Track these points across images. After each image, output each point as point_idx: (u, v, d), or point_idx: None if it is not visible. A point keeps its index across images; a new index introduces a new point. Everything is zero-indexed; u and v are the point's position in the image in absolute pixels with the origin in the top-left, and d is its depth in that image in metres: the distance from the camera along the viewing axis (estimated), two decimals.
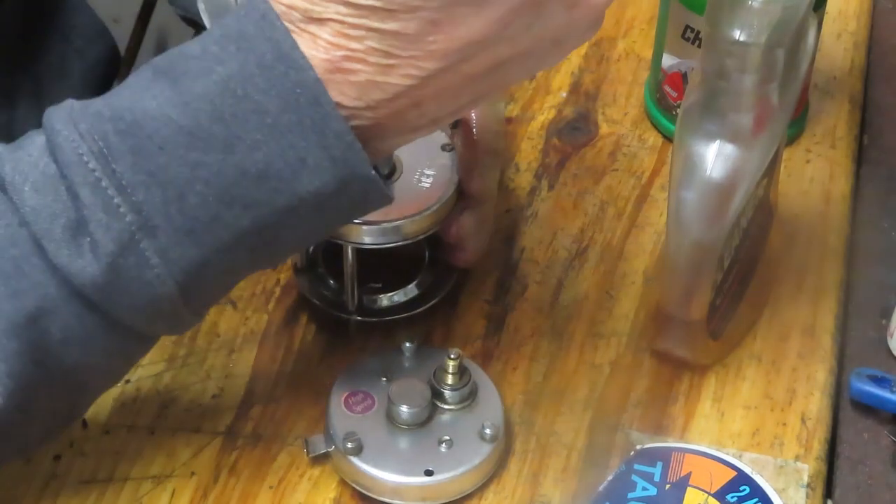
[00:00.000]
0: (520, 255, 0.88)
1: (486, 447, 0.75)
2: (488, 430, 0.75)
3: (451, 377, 0.76)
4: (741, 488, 0.75)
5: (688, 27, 0.90)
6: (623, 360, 0.83)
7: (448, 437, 0.75)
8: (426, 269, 0.85)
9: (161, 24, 1.63)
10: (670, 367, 0.82)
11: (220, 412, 0.80)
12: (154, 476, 0.77)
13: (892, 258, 0.89)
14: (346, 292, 0.81)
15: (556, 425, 0.79)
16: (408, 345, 0.79)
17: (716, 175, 0.74)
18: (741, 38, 0.71)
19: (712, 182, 0.74)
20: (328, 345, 0.83)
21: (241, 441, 0.78)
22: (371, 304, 0.83)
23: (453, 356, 0.76)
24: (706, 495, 0.74)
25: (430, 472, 0.74)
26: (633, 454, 0.77)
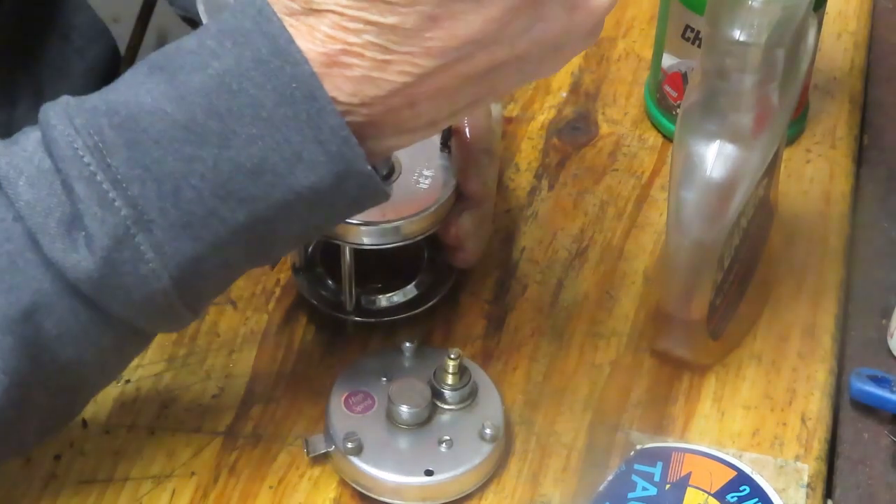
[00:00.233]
0: (520, 255, 0.88)
1: (486, 447, 0.75)
2: (488, 430, 0.75)
3: (451, 377, 0.76)
4: (741, 488, 0.75)
5: (688, 27, 0.90)
6: (623, 360, 0.83)
7: (448, 437, 0.75)
8: (425, 269, 0.85)
9: (161, 24, 1.63)
10: (670, 367, 0.82)
11: (220, 412, 0.80)
12: (154, 476, 0.77)
13: (892, 258, 0.89)
14: (343, 293, 0.81)
15: (556, 425, 0.79)
16: (408, 345, 0.79)
17: (716, 175, 0.74)
18: (741, 38, 0.71)
19: (712, 182, 0.74)
20: (328, 345, 0.83)
21: (241, 441, 0.78)
22: (370, 305, 0.83)
23: (453, 356, 0.76)
24: (706, 495, 0.74)
25: (430, 472, 0.74)
26: (633, 454, 0.77)
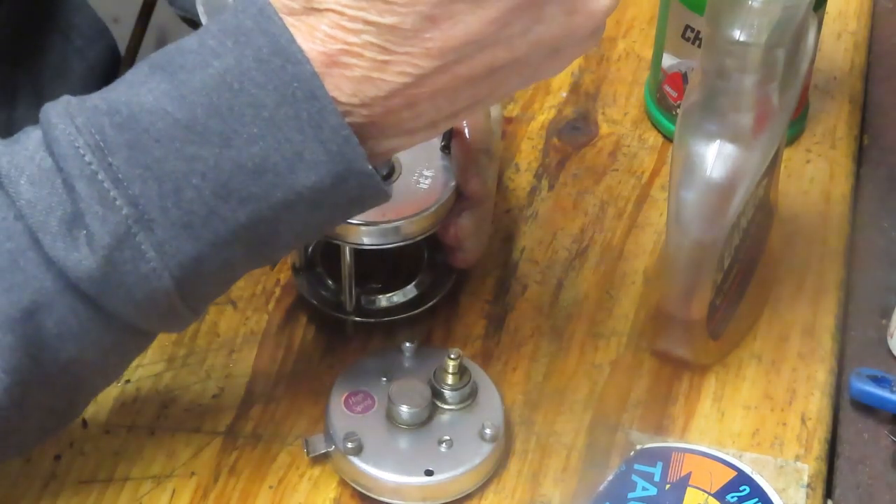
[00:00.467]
0: (520, 255, 0.88)
1: (486, 447, 0.75)
2: (488, 430, 0.75)
3: (451, 377, 0.76)
4: (741, 488, 0.75)
5: (688, 27, 0.90)
6: (623, 360, 0.83)
7: (448, 437, 0.75)
8: (425, 269, 0.85)
9: (161, 24, 1.63)
10: (670, 367, 0.82)
11: (220, 412, 0.80)
12: (154, 476, 0.77)
13: (892, 258, 0.89)
14: (343, 293, 0.81)
15: (556, 425, 0.79)
16: (408, 345, 0.79)
17: (716, 175, 0.74)
18: (741, 38, 0.71)
19: (712, 182, 0.74)
20: (328, 345, 0.83)
21: (241, 441, 0.78)
22: (370, 305, 0.83)
23: (453, 356, 0.76)
24: (706, 495, 0.74)
25: (430, 472, 0.74)
26: (633, 454, 0.77)
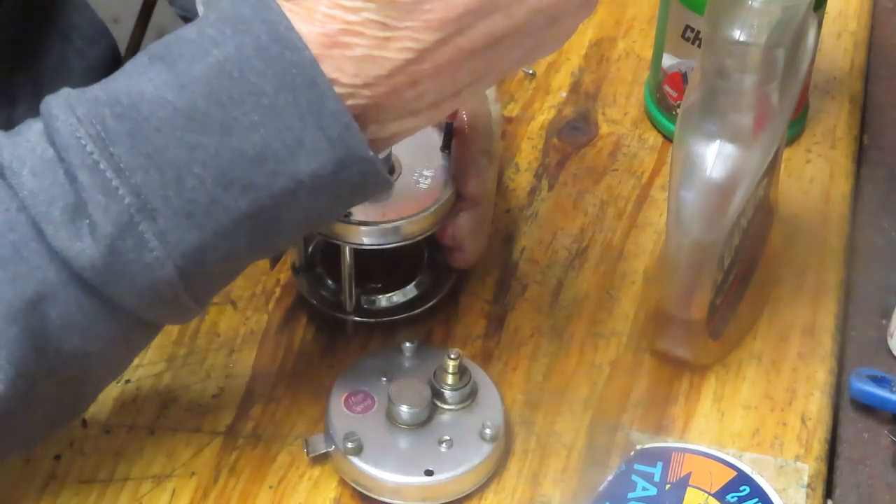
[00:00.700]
0: (520, 255, 0.88)
1: (486, 447, 0.75)
2: (488, 430, 0.75)
3: (451, 377, 0.76)
4: (741, 488, 0.75)
5: (688, 27, 0.90)
6: (623, 360, 0.83)
7: (448, 437, 0.75)
8: (425, 269, 0.85)
9: (161, 24, 1.62)
10: (670, 367, 0.82)
11: (220, 412, 0.80)
12: (154, 476, 0.77)
13: (892, 258, 0.89)
14: (343, 293, 0.81)
15: (556, 425, 0.79)
16: (408, 345, 0.79)
17: (716, 175, 0.74)
18: (741, 39, 0.71)
19: (712, 182, 0.74)
20: (328, 345, 0.83)
21: (241, 441, 0.78)
22: (370, 305, 0.83)
23: (453, 356, 0.76)
24: (706, 495, 0.74)
25: (430, 472, 0.74)
26: (633, 454, 0.77)
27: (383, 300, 0.83)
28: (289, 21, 0.63)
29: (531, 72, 1.00)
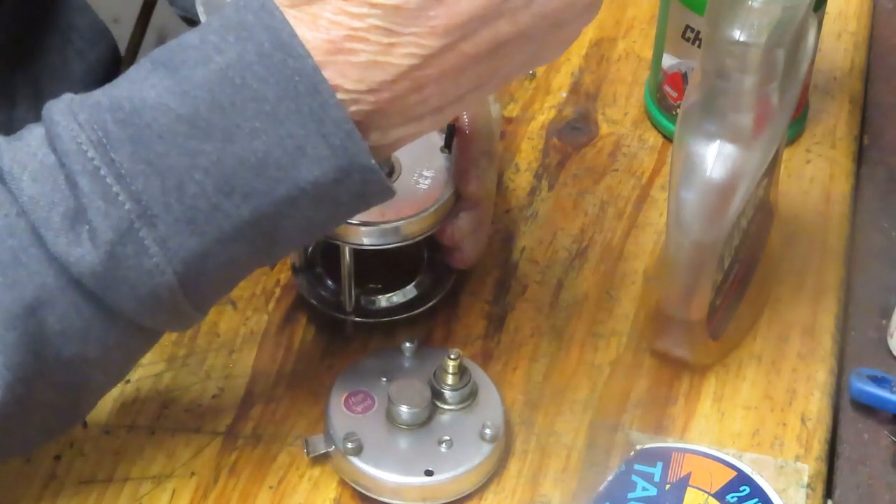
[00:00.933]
0: (520, 255, 0.88)
1: (486, 447, 0.75)
2: (488, 431, 0.75)
3: (451, 377, 0.76)
4: (741, 488, 0.75)
5: (688, 27, 0.90)
6: (623, 360, 0.83)
7: (448, 438, 0.75)
8: (425, 269, 0.85)
9: (161, 24, 1.63)
10: (670, 368, 0.82)
11: (220, 412, 0.80)
12: (154, 476, 0.77)
13: (892, 258, 0.89)
14: (343, 293, 0.81)
15: (556, 425, 0.79)
16: (408, 345, 0.79)
17: (716, 175, 0.74)
18: (741, 39, 0.71)
19: (712, 182, 0.74)
20: (328, 345, 0.83)
21: (241, 441, 0.78)
22: (370, 305, 0.83)
23: (453, 356, 0.76)
24: (706, 495, 0.74)
25: (430, 473, 0.74)
26: (633, 454, 0.77)
27: (383, 300, 0.83)
28: (292, 28, 0.62)
29: (531, 72, 1.00)
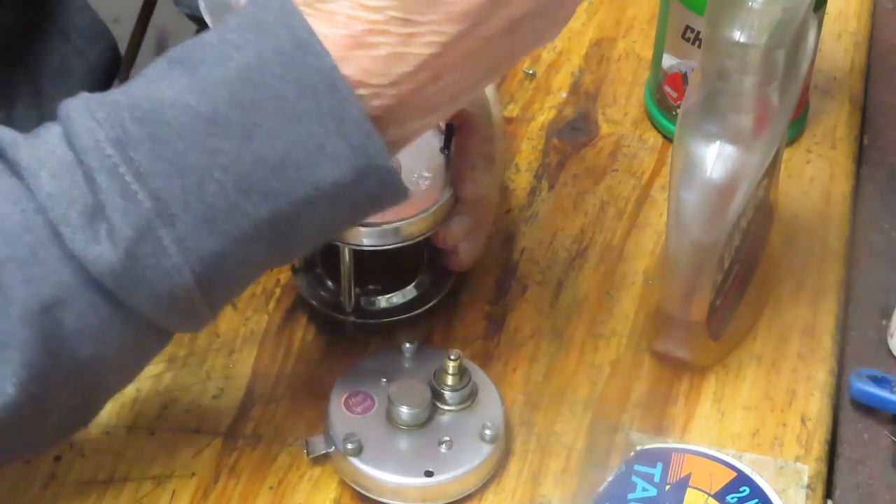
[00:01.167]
0: (520, 255, 0.88)
1: (486, 448, 0.75)
2: (488, 431, 0.75)
3: (451, 378, 0.76)
4: (741, 489, 0.75)
5: (688, 27, 0.90)
6: (623, 361, 0.83)
7: (448, 438, 0.75)
8: (425, 270, 0.85)
9: (161, 24, 1.63)
10: (670, 368, 0.82)
11: (220, 412, 0.80)
12: (154, 476, 0.77)
13: (892, 258, 0.89)
14: (343, 294, 0.81)
15: (556, 426, 0.79)
16: (408, 345, 0.79)
17: (716, 176, 0.74)
18: (741, 40, 0.71)
19: (712, 183, 0.74)
20: (328, 345, 0.83)
21: (241, 441, 0.78)
22: (370, 306, 0.83)
23: (453, 357, 0.76)
24: (706, 496, 0.74)
25: (430, 473, 0.74)
26: (633, 455, 0.77)
27: (383, 301, 0.83)
28: (310, 27, 0.62)
29: (531, 72, 1.00)
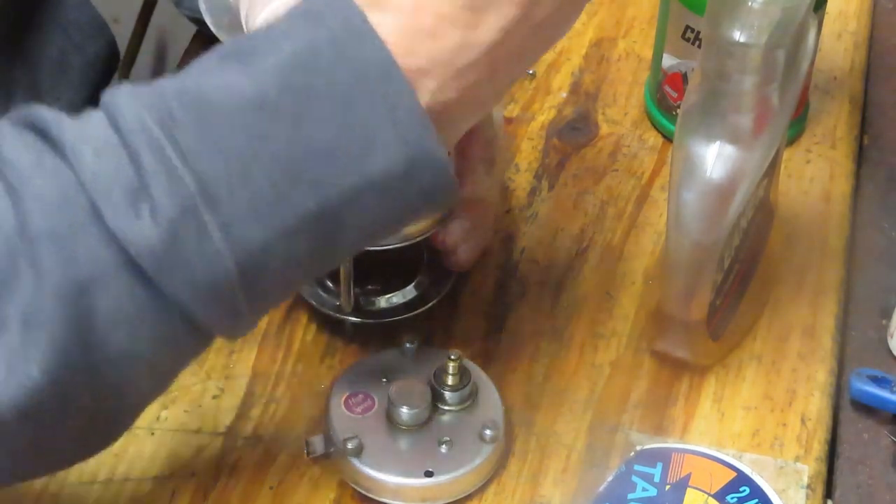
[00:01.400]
0: (520, 255, 0.88)
1: (486, 448, 0.75)
2: (488, 431, 0.75)
3: (451, 378, 0.76)
4: (741, 489, 0.75)
5: (688, 27, 0.90)
6: (623, 361, 0.83)
7: (448, 438, 0.75)
8: (425, 270, 0.85)
9: (161, 24, 1.63)
10: (670, 368, 0.82)
11: (220, 412, 0.80)
12: (154, 476, 0.77)
13: (892, 258, 0.89)
14: (343, 294, 0.81)
15: (556, 426, 0.79)
16: (408, 346, 0.79)
17: (716, 176, 0.74)
18: (741, 40, 0.71)
19: (712, 183, 0.74)
20: (328, 345, 0.83)
21: (241, 442, 0.78)
22: (369, 306, 0.83)
23: (453, 357, 0.76)
24: (706, 496, 0.74)
25: (430, 473, 0.74)
26: (633, 455, 0.77)
27: (383, 301, 0.83)
28: (364, 15, 0.61)
29: (531, 72, 1.00)
